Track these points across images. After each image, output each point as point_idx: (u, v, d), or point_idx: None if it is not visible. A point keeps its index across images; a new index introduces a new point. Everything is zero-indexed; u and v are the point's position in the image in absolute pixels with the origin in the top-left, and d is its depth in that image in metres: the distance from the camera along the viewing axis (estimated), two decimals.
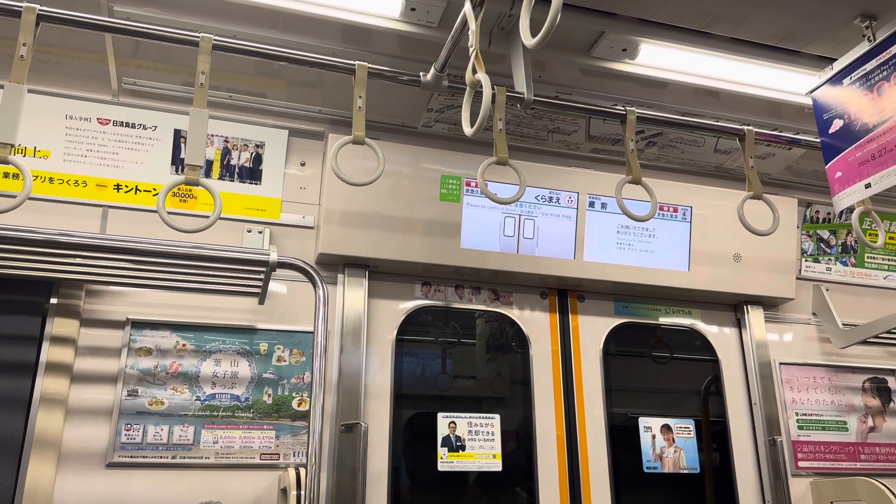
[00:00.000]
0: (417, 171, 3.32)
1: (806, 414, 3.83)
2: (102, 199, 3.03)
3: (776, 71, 3.00)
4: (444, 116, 3.34)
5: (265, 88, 3.24)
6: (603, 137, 3.57)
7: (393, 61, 2.84)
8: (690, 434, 3.63)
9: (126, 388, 2.85)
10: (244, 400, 2.98)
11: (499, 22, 2.74)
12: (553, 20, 1.69)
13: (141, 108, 3.14)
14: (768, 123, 3.42)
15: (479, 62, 2.14)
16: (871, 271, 4.24)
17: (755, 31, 2.78)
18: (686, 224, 3.67)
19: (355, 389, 3.09)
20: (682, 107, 3.33)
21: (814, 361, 3.96)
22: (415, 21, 2.76)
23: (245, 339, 3.06)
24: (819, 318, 4.03)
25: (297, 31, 2.84)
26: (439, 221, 3.29)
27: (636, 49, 2.91)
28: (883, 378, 4.06)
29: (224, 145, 3.22)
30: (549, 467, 3.32)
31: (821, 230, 4.16)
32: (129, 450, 2.78)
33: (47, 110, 3.01)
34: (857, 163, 2.54)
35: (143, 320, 2.95)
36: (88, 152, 3.05)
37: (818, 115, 2.76)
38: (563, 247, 3.47)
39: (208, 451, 2.87)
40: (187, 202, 3.09)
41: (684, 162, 3.82)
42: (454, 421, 3.27)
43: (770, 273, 3.77)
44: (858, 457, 3.85)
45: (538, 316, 3.60)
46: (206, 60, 2.32)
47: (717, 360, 3.82)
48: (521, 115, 3.34)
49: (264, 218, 3.23)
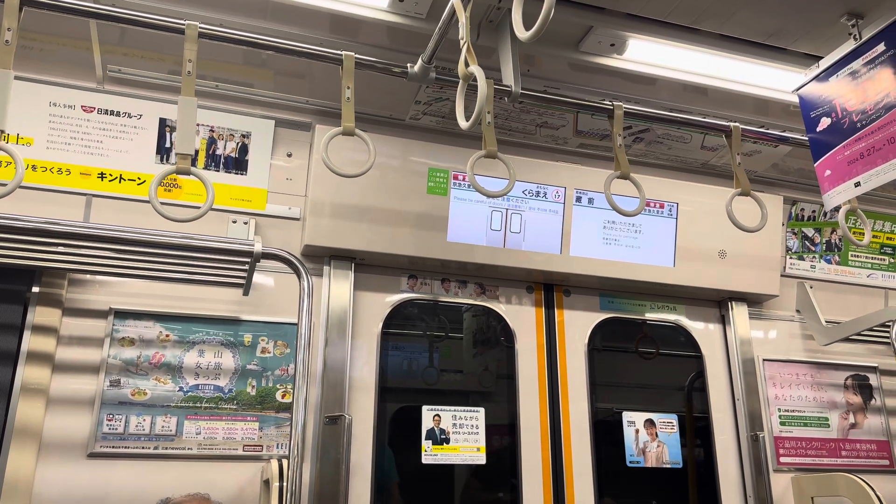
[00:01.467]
0: (405, 163, 3.31)
1: (788, 410, 3.85)
2: (86, 187, 3.00)
3: (763, 68, 3.02)
4: (433, 109, 3.33)
5: (252, 78, 3.22)
6: (591, 132, 3.57)
7: (381, 52, 2.83)
8: (674, 429, 3.65)
9: (108, 378, 2.83)
10: (228, 391, 2.97)
11: (487, 14, 2.74)
12: (547, 13, 1.68)
13: (126, 97, 3.11)
14: (755, 121, 3.43)
15: (471, 55, 2.14)
16: (855, 269, 4.27)
17: (742, 28, 2.80)
18: (672, 220, 3.68)
19: (340, 382, 3.09)
20: (670, 103, 3.34)
21: (797, 358, 3.98)
22: (403, 12, 2.75)
23: (229, 330, 3.04)
24: (803, 315, 4.06)
25: (285, 21, 2.82)
26: (426, 214, 3.28)
27: (624, 44, 2.92)
28: (864, 375, 4.09)
29: (210, 135, 3.20)
30: (532, 460, 3.33)
31: (806, 228, 4.18)
32: (111, 440, 2.76)
33: (31, 97, 2.97)
34: (846, 161, 2.55)
35: (127, 310, 2.93)
36: (72, 140, 3.01)
37: (805, 112, 2.77)
38: (550, 241, 3.48)
39: (191, 443, 2.86)
40: (172, 192, 3.07)
41: (671, 158, 3.83)
42: (438, 414, 3.27)
43: (755, 270, 3.79)
44: (839, 453, 3.88)
45: (524, 310, 3.60)
46: (192, 48, 2.31)
47: (701, 356, 3.84)
48: (508, 109, 3.34)
49: (250, 209, 3.20)
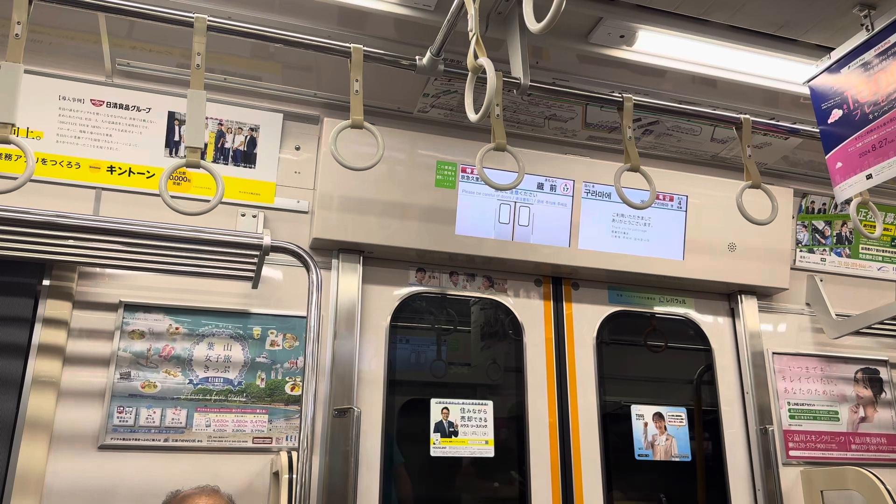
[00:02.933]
0: (413, 156, 3.30)
1: (798, 403, 3.84)
2: (96, 180, 3.01)
3: (773, 59, 2.99)
4: (441, 102, 3.33)
5: (260, 71, 3.22)
6: (599, 125, 3.55)
7: (389, 45, 2.82)
8: (682, 422, 3.65)
9: (119, 370, 2.84)
10: (237, 384, 2.98)
11: (496, 6, 2.73)
12: (559, 5, 1.67)
13: (135, 90, 3.12)
14: (765, 112, 3.41)
15: (480, 47, 2.13)
16: (866, 262, 4.25)
17: (753, 19, 2.77)
18: (681, 213, 3.66)
19: (348, 374, 3.09)
20: (680, 95, 3.32)
21: (807, 351, 3.96)
22: (411, 4, 2.74)
23: (238, 323, 3.05)
24: (812, 309, 4.03)
25: (293, 14, 2.82)
26: (434, 207, 3.28)
27: (634, 36, 2.90)
28: (875, 369, 4.07)
29: (218, 128, 3.20)
30: (541, 454, 3.33)
31: (816, 220, 4.16)
32: (122, 432, 2.78)
33: (40, 91, 2.98)
34: (858, 153, 2.53)
35: (137, 303, 2.94)
36: (82, 133, 3.02)
37: (816, 104, 2.74)
38: (559, 234, 3.47)
39: (201, 435, 2.87)
40: (181, 185, 3.07)
41: (680, 151, 3.81)
42: (447, 407, 3.27)
43: (764, 263, 3.78)
44: (849, 447, 3.87)
45: (532, 303, 3.60)
46: (201, 41, 2.31)
47: (710, 349, 3.83)
48: (517, 102, 3.32)
49: (258, 202, 3.21)
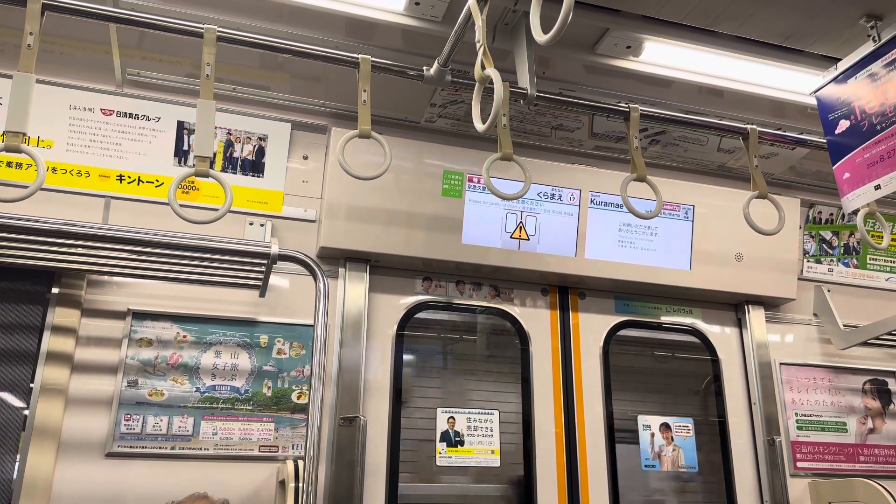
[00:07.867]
0: (420, 166, 3.31)
1: (805, 414, 3.82)
2: (105, 189, 3.03)
3: (780, 70, 3.00)
4: (448, 111, 3.34)
5: (268, 81, 3.25)
6: (606, 135, 3.56)
7: (396, 55, 2.84)
8: (689, 433, 3.63)
9: (126, 378, 2.85)
10: (244, 392, 2.98)
11: (503, 17, 2.74)
12: (566, 16, 1.68)
13: (144, 100, 3.14)
14: (772, 123, 3.41)
15: (487, 57, 2.14)
16: (873, 273, 4.24)
17: (760, 30, 2.78)
18: (688, 223, 3.66)
19: (355, 383, 3.09)
20: (686, 105, 3.33)
21: (814, 362, 3.95)
22: (419, 15, 2.76)
23: (245, 331, 3.06)
24: (820, 319, 4.02)
25: (302, 24, 2.84)
26: (441, 217, 3.29)
27: (640, 46, 2.91)
28: (883, 380, 4.05)
29: (227, 137, 3.22)
30: (547, 463, 3.32)
31: (823, 231, 4.15)
32: (129, 440, 2.79)
33: (51, 100, 3.01)
34: (866, 164, 2.53)
35: (145, 311, 2.95)
36: (92, 143, 3.05)
37: (823, 115, 2.75)
38: (565, 244, 3.47)
39: (207, 443, 2.88)
40: (189, 193, 3.09)
41: (687, 161, 3.81)
42: (453, 416, 3.27)
43: (771, 273, 3.77)
44: (857, 458, 3.85)
45: (539, 313, 3.59)
46: (210, 52, 2.33)
47: (717, 360, 3.81)
48: (524, 112, 3.33)
49: (266, 211, 3.22)
